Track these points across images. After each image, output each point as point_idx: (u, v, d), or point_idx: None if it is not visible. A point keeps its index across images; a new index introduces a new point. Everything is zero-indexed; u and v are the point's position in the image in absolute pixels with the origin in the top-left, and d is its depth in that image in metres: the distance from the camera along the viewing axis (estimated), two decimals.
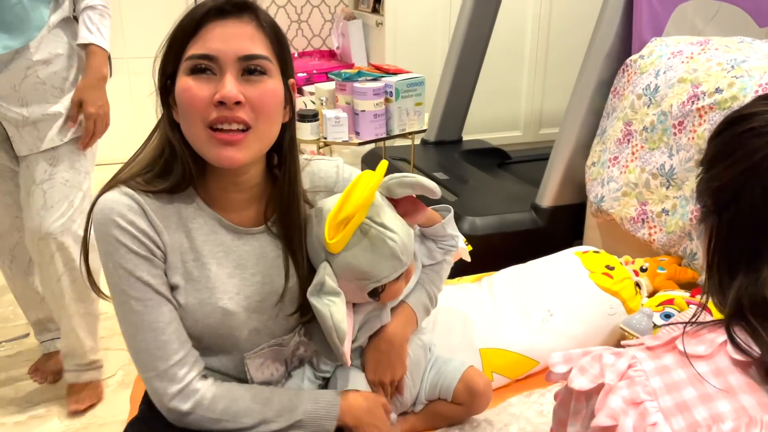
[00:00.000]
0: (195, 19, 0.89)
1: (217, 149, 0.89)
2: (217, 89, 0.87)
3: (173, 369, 0.94)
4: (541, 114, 3.86)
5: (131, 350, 0.96)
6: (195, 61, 0.89)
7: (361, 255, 0.95)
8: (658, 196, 1.79)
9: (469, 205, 2.30)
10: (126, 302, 0.93)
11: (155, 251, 0.93)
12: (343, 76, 2.29)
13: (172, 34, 0.91)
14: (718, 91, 1.65)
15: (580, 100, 2.16)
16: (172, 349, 0.94)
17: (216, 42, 0.88)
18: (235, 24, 0.90)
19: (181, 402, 0.94)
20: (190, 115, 0.89)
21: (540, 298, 1.47)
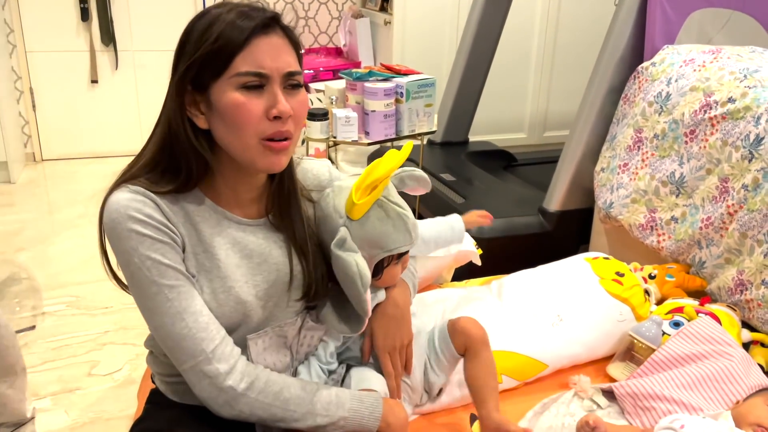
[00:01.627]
0: (244, 33, 0.90)
1: (270, 158, 0.95)
2: (271, 104, 0.92)
3: (221, 347, 0.95)
4: (546, 117, 3.87)
5: (171, 342, 0.94)
6: (248, 78, 0.91)
7: (378, 224, 1.03)
8: (668, 203, 1.80)
9: (477, 208, 2.28)
10: (159, 293, 0.92)
11: (176, 238, 0.95)
12: (354, 75, 2.29)
13: (214, 46, 0.90)
14: (731, 101, 1.65)
15: (590, 105, 2.16)
16: (215, 328, 0.95)
17: (266, 59, 0.91)
18: (277, 40, 0.93)
19: (237, 380, 0.95)
20: (244, 129, 0.92)
21: (550, 302, 1.48)
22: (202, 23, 0.92)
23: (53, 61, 3.55)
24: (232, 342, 0.97)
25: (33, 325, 2.12)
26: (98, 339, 2.07)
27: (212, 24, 0.91)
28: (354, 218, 1.03)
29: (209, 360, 0.93)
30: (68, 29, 3.52)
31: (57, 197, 3.22)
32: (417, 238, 1.09)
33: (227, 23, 0.90)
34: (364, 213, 1.03)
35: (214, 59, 0.90)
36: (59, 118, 3.65)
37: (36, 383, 1.85)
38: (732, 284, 1.59)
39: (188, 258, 0.97)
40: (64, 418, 1.73)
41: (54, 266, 2.51)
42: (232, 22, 0.90)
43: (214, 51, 0.90)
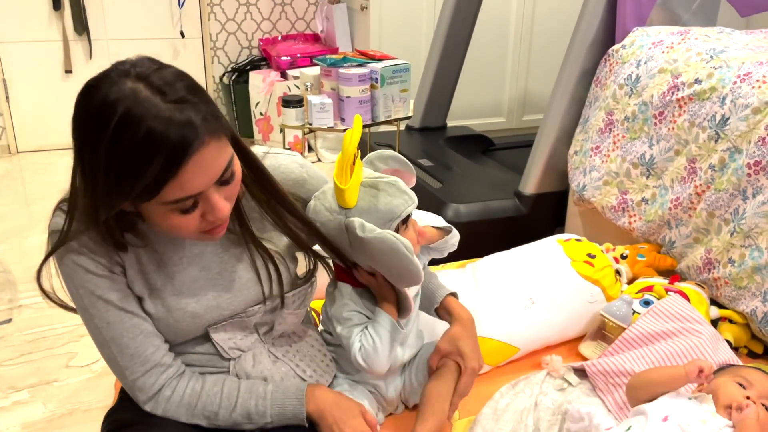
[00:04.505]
0: (175, 164, 0.80)
1: (213, 238, 0.94)
2: (207, 210, 0.87)
3: (141, 380, 0.99)
4: (525, 100, 3.88)
5: (106, 361, 1.01)
6: (182, 204, 0.84)
7: (374, 200, 1.03)
8: (639, 185, 1.82)
9: (454, 192, 2.32)
10: (90, 320, 0.97)
11: (114, 268, 0.95)
12: (329, 61, 2.28)
13: (136, 180, 0.79)
14: (697, 82, 1.67)
15: (563, 89, 2.18)
16: (139, 362, 0.98)
17: (198, 180, 0.83)
18: (207, 150, 0.82)
19: (153, 408, 1.01)
20: (183, 233, 0.90)
21: (522, 285, 1.50)
22: (107, 140, 0.78)
23: (26, 51, 3.49)
24: (161, 371, 1.00)
25: (9, 318, 2.11)
26: (75, 331, 2.06)
27: (125, 155, 0.79)
28: (350, 206, 1.03)
29: (130, 387, 1.00)
30: (40, 19, 3.46)
31: (33, 189, 3.19)
32: (414, 196, 1.08)
33: (147, 158, 0.79)
34: (355, 198, 1.03)
35: (144, 191, 0.81)
36: (34, 110, 3.61)
37: (13, 376, 1.85)
38: (700, 263, 1.62)
39: (134, 280, 0.97)
40: (42, 410, 1.73)
41: (30, 259, 2.49)
42: (150, 150, 0.78)
43: (137, 192, 0.81)
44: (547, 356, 1.43)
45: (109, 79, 0.81)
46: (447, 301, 1.18)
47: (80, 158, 0.83)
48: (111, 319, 0.96)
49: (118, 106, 0.78)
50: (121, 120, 0.78)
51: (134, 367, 0.98)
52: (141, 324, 0.98)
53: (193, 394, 1.01)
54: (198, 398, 1.01)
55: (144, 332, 0.98)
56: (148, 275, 0.97)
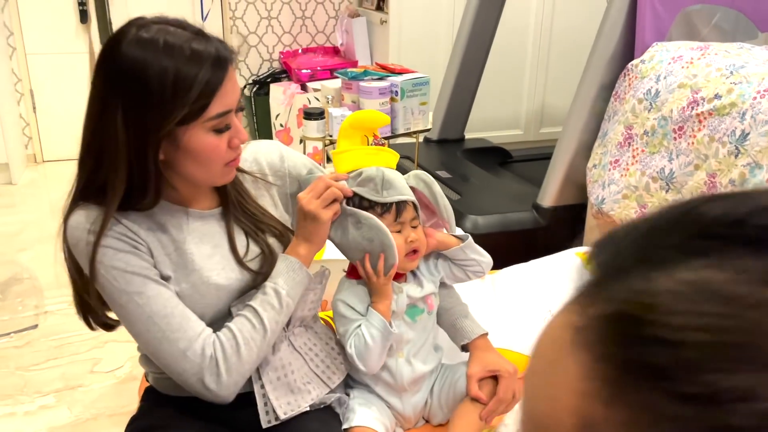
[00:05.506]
0: (219, 79, 0.92)
1: (227, 176, 1.01)
2: (233, 135, 0.98)
3: (192, 348, 0.97)
4: (542, 113, 3.89)
5: (151, 348, 0.99)
6: (219, 120, 0.94)
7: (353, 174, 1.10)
8: (658, 199, 1.83)
9: (472, 203, 2.34)
10: (130, 301, 0.96)
11: (139, 245, 0.98)
12: (350, 75, 2.32)
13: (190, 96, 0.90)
14: (717, 97, 1.68)
15: (582, 102, 2.19)
16: (189, 327, 0.98)
17: (230, 97, 0.95)
18: (232, 72, 0.96)
19: (210, 379, 0.98)
20: (213, 163, 0.97)
21: (541, 298, 1.51)
22: (158, 63, 0.89)
23: (53, 63, 3.58)
24: (204, 337, 0.99)
25: (35, 324, 2.16)
26: (100, 337, 2.10)
27: (178, 70, 0.89)
28: (339, 170, 1.10)
29: (181, 359, 0.97)
30: (68, 31, 3.55)
31: (58, 198, 3.24)
32: (389, 197, 1.09)
33: (198, 68, 0.90)
34: (345, 167, 1.10)
35: (191, 110, 0.91)
36: (59, 120, 3.68)
37: (39, 381, 1.89)
38: None
39: (161, 261, 1.00)
40: (67, 415, 1.76)
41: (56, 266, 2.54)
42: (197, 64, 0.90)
43: (191, 101, 0.90)
44: None
45: (133, 27, 0.92)
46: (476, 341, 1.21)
47: (119, 102, 0.90)
48: (151, 293, 0.96)
49: (158, 39, 0.90)
50: (165, 47, 0.89)
51: (185, 336, 0.97)
52: (174, 296, 0.99)
53: (227, 336, 1.00)
54: (233, 333, 1.00)
55: (180, 303, 0.99)
56: (171, 255, 1.01)
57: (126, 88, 0.91)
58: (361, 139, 1.08)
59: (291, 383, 1.08)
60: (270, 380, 1.06)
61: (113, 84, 0.92)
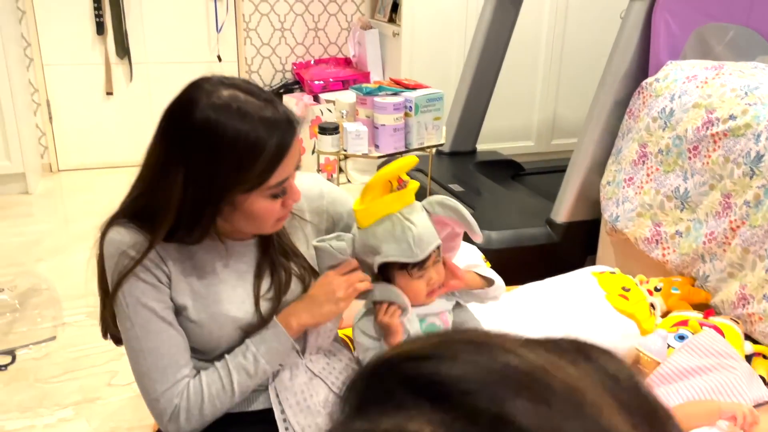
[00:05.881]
0: (283, 152, 0.94)
1: (277, 227, 1.04)
2: (288, 197, 1.01)
3: (169, 392, 1.02)
4: (554, 125, 3.90)
5: (134, 372, 1.03)
6: (278, 188, 0.97)
7: (380, 231, 1.08)
8: (673, 218, 1.84)
9: (485, 218, 2.35)
10: (132, 328, 1.00)
11: (161, 278, 1.01)
12: (364, 90, 2.34)
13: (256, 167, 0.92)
14: (731, 118, 1.69)
15: (596, 118, 2.21)
16: (170, 372, 1.02)
17: (291, 165, 0.98)
18: (296, 137, 0.98)
19: (176, 425, 1.03)
20: (265, 221, 1.00)
21: (557, 317, 1.52)
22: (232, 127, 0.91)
23: (69, 73, 3.62)
24: (182, 386, 1.02)
25: (54, 336, 2.18)
26: (117, 349, 2.09)
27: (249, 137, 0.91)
28: (360, 226, 1.10)
29: (157, 400, 1.02)
30: (84, 43, 3.59)
31: (73, 208, 3.29)
32: (422, 254, 1.09)
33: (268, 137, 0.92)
34: (367, 221, 1.08)
35: (256, 180, 0.94)
36: (75, 130, 3.73)
37: (58, 393, 1.91)
38: (735, 298, 1.63)
39: (180, 290, 1.02)
40: (86, 428, 1.79)
41: (73, 277, 2.57)
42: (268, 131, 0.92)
43: (258, 171, 0.93)
44: None
45: (204, 91, 0.93)
46: None
47: (185, 162, 0.93)
48: (152, 329, 1.00)
49: (232, 105, 0.91)
50: (239, 113, 0.91)
51: (165, 379, 1.01)
52: (177, 337, 1.02)
53: (195, 389, 1.03)
54: (201, 387, 1.03)
55: (178, 345, 1.02)
56: (193, 284, 1.03)
57: (196, 151, 0.92)
58: (385, 186, 1.08)
59: (312, 407, 1.10)
60: (290, 405, 1.08)
61: (182, 145, 0.93)
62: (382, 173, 1.06)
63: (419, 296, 1.15)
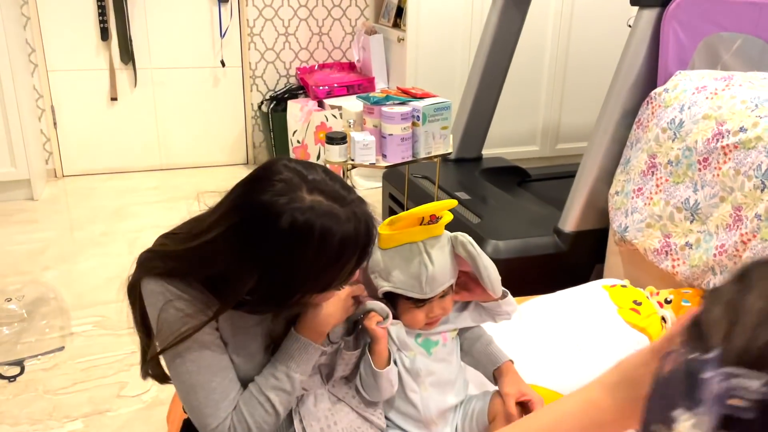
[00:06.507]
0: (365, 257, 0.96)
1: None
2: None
3: (223, 424, 1.00)
4: (558, 129, 3.90)
5: (186, 407, 1.02)
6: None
7: (397, 258, 1.11)
8: (682, 229, 1.84)
9: (493, 228, 2.35)
10: (181, 364, 0.98)
11: (207, 311, 0.98)
12: (372, 100, 2.34)
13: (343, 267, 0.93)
14: (742, 131, 1.69)
15: (604, 128, 2.20)
16: (223, 406, 1.01)
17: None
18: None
19: None
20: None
21: (569, 332, 1.52)
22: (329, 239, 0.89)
23: (74, 79, 3.62)
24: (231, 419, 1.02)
25: (62, 346, 2.18)
26: (125, 360, 2.13)
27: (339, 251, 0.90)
28: (380, 246, 1.12)
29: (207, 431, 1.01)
30: (88, 48, 3.59)
31: (79, 214, 3.29)
32: (431, 294, 1.11)
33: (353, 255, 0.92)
34: (389, 244, 1.10)
35: (337, 283, 0.96)
36: (80, 135, 3.73)
37: (68, 405, 1.91)
38: None
39: (223, 325, 1.01)
40: None
41: (79, 286, 2.58)
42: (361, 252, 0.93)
43: (340, 279, 0.95)
44: None
45: (286, 195, 0.88)
46: (505, 364, 1.23)
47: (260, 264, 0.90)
48: (203, 363, 0.98)
49: (314, 224, 0.87)
50: (320, 235, 0.88)
51: (217, 414, 0.99)
52: (229, 366, 1.01)
53: (239, 419, 1.02)
54: (244, 417, 1.02)
55: (230, 377, 1.02)
56: (224, 334, 1.03)
57: (268, 256, 0.89)
58: (417, 219, 1.09)
59: None
60: (314, 431, 1.08)
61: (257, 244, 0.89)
62: (418, 211, 1.07)
63: (416, 325, 1.18)
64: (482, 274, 1.11)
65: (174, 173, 3.89)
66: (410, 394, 1.19)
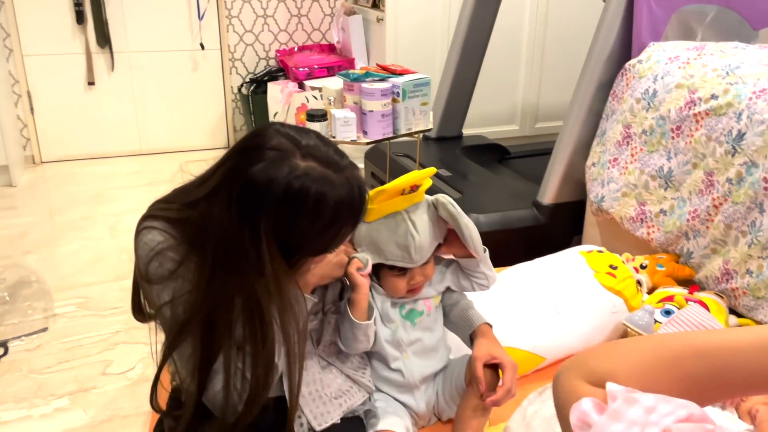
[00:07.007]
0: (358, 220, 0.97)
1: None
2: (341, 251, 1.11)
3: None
4: (538, 108, 3.93)
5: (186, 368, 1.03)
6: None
7: (384, 230, 1.13)
8: (657, 197, 1.88)
9: (473, 202, 2.38)
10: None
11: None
12: (351, 76, 2.35)
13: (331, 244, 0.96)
14: (713, 98, 1.73)
15: (580, 101, 2.23)
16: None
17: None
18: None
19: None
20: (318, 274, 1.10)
21: (547, 296, 1.55)
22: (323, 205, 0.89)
23: (50, 64, 3.58)
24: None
25: (45, 327, 2.18)
26: (110, 339, 2.13)
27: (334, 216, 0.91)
28: (366, 220, 1.13)
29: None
30: (64, 32, 3.55)
31: (59, 199, 3.27)
32: (420, 261, 1.15)
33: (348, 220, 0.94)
34: (373, 217, 1.13)
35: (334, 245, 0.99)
36: (57, 121, 3.69)
37: (54, 383, 1.92)
38: (718, 273, 1.67)
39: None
40: (83, 417, 1.80)
41: (61, 268, 2.57)
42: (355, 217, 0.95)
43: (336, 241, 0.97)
44: None
45: (280, 163, 0.89)
46: (480, 327, 1.25)
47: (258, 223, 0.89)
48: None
49: (309, 190, 0.88)
50: (315, 201, 0.89)
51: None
52: None
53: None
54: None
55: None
56: None
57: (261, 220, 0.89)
58: (398, 191, 1.11)
59: (324, 396, 1.12)
60: (302, 395, 1.10)
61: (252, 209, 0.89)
62: (399, 182, 1.09)
63: (398, 292, 1.21)
64: (464, 233, 1.14)
65: (154, 158, 3.87)
66: (393, 362, 1.22)
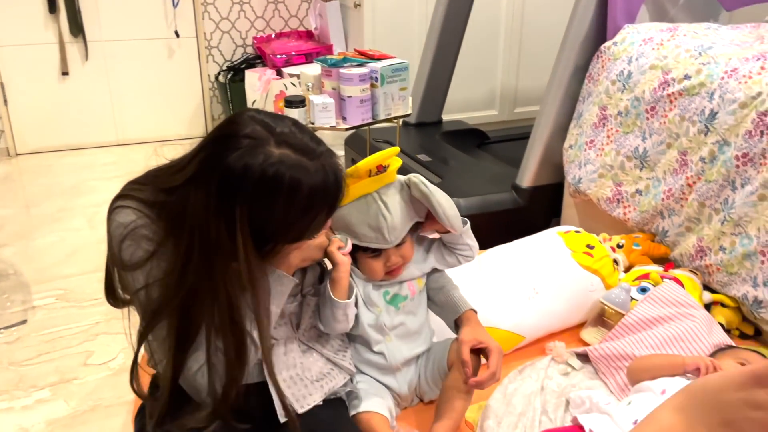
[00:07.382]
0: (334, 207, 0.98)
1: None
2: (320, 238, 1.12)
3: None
4: (516, 93, 3.95)
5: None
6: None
7: (355, 213, 1.14)
8: (632, 177, 1.90)
9: (453, 186, 2.39)
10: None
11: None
12: (329, 62, 2.34)
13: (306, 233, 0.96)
14: (686, 78, 1.75)
15: (557, 84, 2.25)
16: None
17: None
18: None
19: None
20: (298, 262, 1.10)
21: (526, 277, 1.57)
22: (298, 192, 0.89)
23: (23, 54, 3.51)
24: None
25: (24, 320, 2.16)
26: (90, 330, 2.12)
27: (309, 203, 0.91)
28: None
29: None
30: (36, 21, 3.48)
31: (35, 191, 3.22)
32: (395, 241, 1.15)
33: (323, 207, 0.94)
34: (344, 201, 1.10)
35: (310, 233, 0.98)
36: (32, 112, 3.63)
37: (34, 375, 1.90)
38: (693, 251, 1.71)
39: None
40: (65, 407, 1.79)
41: (39, 261, 2.54)
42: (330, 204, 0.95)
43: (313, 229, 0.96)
44: (550, 343, 1.51)
45: (254, 151, 0.88)
46: (466, 313, 1.27)
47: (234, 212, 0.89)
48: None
49: (283, 176, 0.88)
50: (289, 187, 0.88)
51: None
52: None
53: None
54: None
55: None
56: None
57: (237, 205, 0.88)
58: (365, 173, 1.12)
59: (305, 379, 1.13)
60: (284, 378, 1.10)
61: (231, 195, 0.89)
62: (363, 164, 1.09)
63: (376, 275, 1.21)
64: (437, 211, 1.14)
65: (131, 148, 3.83)
66: (376, 346, 1.23)
